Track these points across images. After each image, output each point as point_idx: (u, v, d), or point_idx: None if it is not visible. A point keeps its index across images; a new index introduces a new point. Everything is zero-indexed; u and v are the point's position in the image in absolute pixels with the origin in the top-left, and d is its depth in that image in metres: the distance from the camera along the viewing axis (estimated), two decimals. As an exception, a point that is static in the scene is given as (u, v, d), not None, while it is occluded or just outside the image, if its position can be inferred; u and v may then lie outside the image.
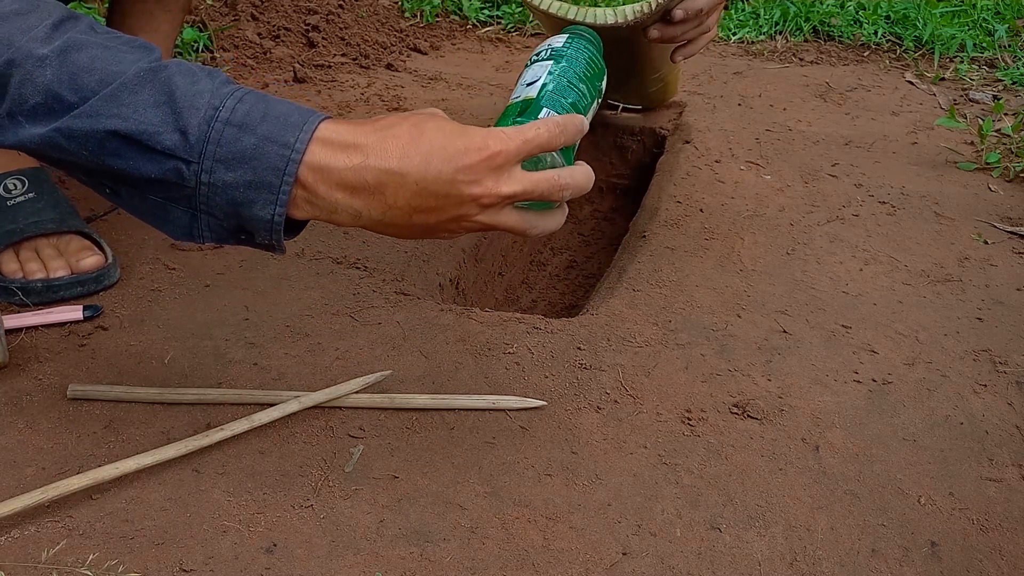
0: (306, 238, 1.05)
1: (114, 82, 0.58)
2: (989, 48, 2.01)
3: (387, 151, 0.59)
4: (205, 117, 0.58)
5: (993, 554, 0.67)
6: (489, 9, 2.09)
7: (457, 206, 0.61)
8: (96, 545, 0.62)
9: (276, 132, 0.58)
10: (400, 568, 0.62)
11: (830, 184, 1.30)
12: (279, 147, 0.58)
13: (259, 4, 1.82)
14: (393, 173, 0.59)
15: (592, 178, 0.67)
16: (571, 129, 0.65)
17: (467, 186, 0.60)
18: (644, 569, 0.64)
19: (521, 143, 0.62)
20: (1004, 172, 1.37)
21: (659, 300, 0.96)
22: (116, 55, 0.59)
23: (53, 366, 0.80)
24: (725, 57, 1.97)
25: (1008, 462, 0.77)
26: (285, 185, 0.58)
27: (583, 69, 0.78)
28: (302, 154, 0.58)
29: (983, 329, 0.95)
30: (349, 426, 0.75)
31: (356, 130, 0.60)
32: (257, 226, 0.60)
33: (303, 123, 0.59)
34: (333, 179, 0.59)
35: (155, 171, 0.58)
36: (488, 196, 0.61)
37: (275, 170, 0.58)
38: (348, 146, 0.59)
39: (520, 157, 0.62)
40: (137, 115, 0.57)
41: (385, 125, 0.61)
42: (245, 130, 0.58)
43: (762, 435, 0.77)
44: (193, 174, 0.58)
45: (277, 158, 0.58)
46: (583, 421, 0.77)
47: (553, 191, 0.64)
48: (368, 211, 0.60)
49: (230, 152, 0.58)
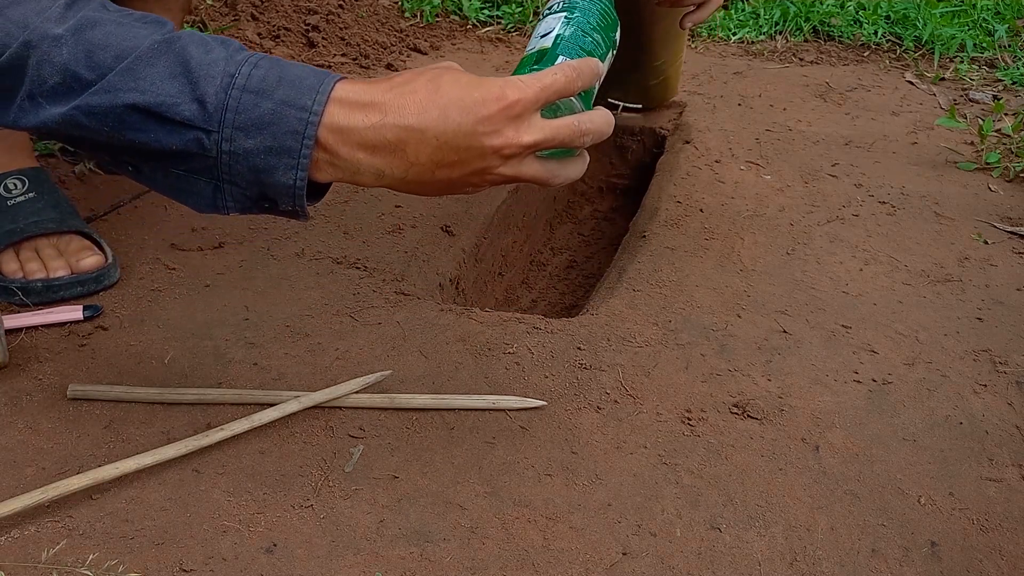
0: (306, 238, 1.05)
1: (129, 56, 0.57)
2: (989, 48, 2.01)
3: (405, 107, 0.59)
4: (222, 85, 0.57)
5: (993, 554, 0.67)
6: (489, 9, 2.09)
7: (479, 158, 0.60)
8: (96, 545, 0.62)
9: (293, 96, 0.58)
10: (400, 568, 0.62)
11: (830, 184, 1.30)
12: (297, 110, 0.58)
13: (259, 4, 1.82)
14: (412, 129, 0.59)
15: (612, 122, 0.66)
16: (588, 73, 0.64)
17: (488, 137, 0.59)
18: (644, 569, 0.64)
19: (539, 90, 0.61)
20: (1004, 172, 1.37)
21: (659, 300, 0.96)
22: (130, 30, 0.59)
23: (53, 366, 0.80)
24: (725, 57, 1.97)
25: (1008, 462, 0.77)
26: (305, 149, 0.58)
27: (597, 20, 0.77)
28: (320, 116, 0.58)
29: (983, 329, 0.95)
30: (349, 426, 0.75)
31: (372, 88, 0.60)
32: (280, 192, 0.60)
33: (319, 85, 0.58)
34: (353, 139, 0.59)
35: (176, 142, 0.58)
36: (509, 146, 0.60)
37: (294, 134, 0.58)
38: (366, 105, 0.59)
39: (539, 104, 0.61)
40: (154, 87, 0.57)
41: (401, 81, 0.60)
42: (262, 96, 0.58)
43: (762, 435, 0.77)
44: (214, 143, 0.58)
45: (296, 121, 0.58)
46: (583, 421, 0.77)
47: (575, 137, 0.63)
48: (391, 169, 0.60)
49: (249, 119, 0.57)
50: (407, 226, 1.10)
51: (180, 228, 1.05)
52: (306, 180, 0.59)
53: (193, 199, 0.62)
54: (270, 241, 1.04)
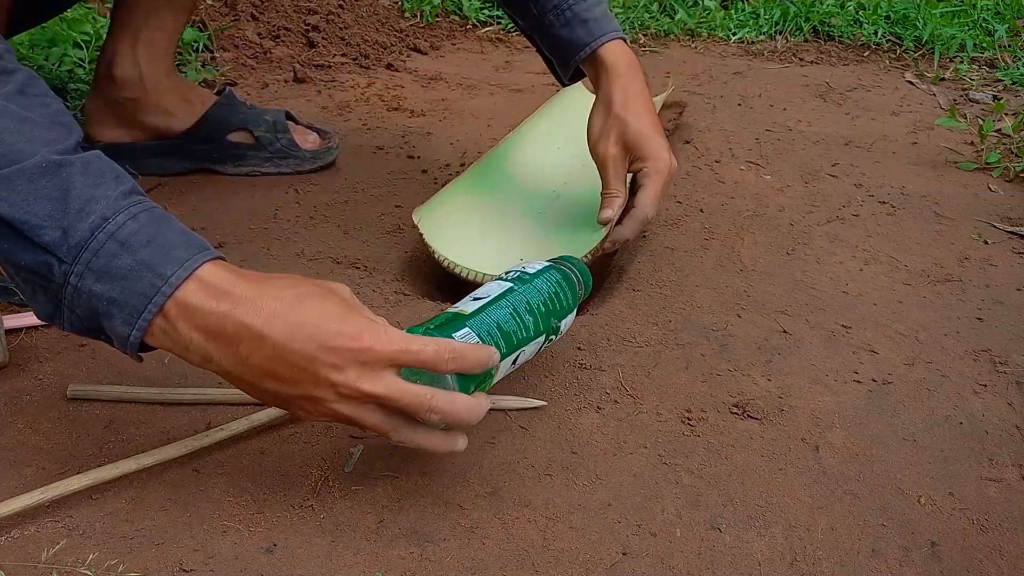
0: (306, 238, 1.05)
1: (16, 162, 0.57)
2: (989, 48, 2.01)
3: (257, 309, 0.58)
4: (91, 224, 0.57)
5: (993, 554, 0.67)
6: (489, 9, 2.09)
7: (313, 385, 0.59)
8: (96, 545, 0.62)
9: (156, 260, 0.58)
10: (400, 568, 0.62)
11: (830, 184, 1.30)
12: (153, 276, 0.57)
13: (259, 4, 1.82)
14: (253, 331, 0.58)
15: (479, 414, 0.62)
16: (468, 361, 0.61)
17: (327, 369, 0.58)
18: (644, 569, 0.64)
19: (398, 351, 0.59)
20: (1004, 172, 1.37)
21: (659, 300, 0.96)
22: (30, 132, 0.58)
23: (53, 366, 0.80)
24: (725, 57, 1.97)
25: (1008, 462, 0.77)
26: (147, 313, 0.58)
27: (540, 302, 0.73)
28: (174, 288, 0.58)
29: (983, 329, 0.95)
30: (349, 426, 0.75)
31: (238, 280, 0.59)
32: (114, 335, 0.59)
33: (186, 259, 0.59)
34: (195, 319, 0.58)
35: (27, 259, 0.57)
36: (346, 387, 0.58)
37: (142, 296, 0.57)
38: (222, 293, 0.58)
39: (393, 363, 0.59)
40: (26, 204, 0.56)
41: (272, 285, 0.60)
42: (126, 249, 0.57)
43: (762, 435, 0.77)
44: (63, 273, 0.57)
45: (148, 286, 0.57)
46: (583, 421, 0.77)
47: (419, 409, 0.60)
48: (219, 358, 0.59)
49: (104, 266, 0.57)
50: (407, 226, 1.10)
51: (180, 228, 1.05)
52: (139, 339, 0.59)
53: (34, 305, 0.61)
54: (270, 241, 1.04)
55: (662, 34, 2.09)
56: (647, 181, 0.94)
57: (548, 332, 0.74)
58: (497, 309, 0.69)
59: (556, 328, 0.75)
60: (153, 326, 0.58)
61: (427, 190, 1.20)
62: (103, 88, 1.13)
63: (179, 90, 1.17)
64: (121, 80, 1.12)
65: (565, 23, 0.97)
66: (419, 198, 1.17)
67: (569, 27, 0.97)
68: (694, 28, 2.12)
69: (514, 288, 0.72)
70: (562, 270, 0.77)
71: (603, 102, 0.96)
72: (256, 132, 1.19)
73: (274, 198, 1.15)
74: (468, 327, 0.66)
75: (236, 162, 1.20)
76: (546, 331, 0.73)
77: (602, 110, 0.96)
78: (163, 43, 1.13)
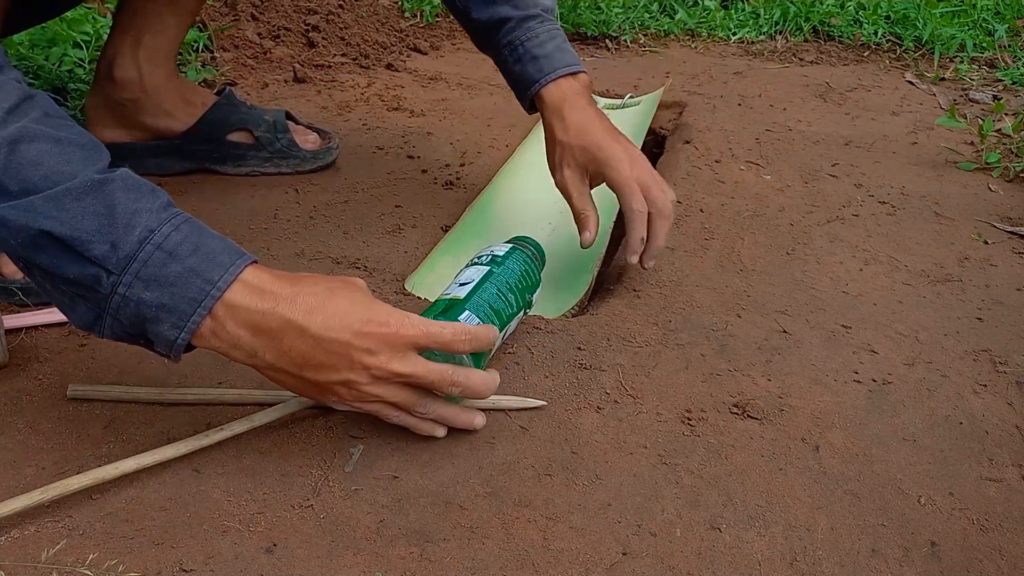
0: (306, 238, 1.05)
1: (60, 183, 0.60)
2: (989, 48, 2.01)
3: (297, 304, 0.63)
4: (139, 237, 0.61)
5: (993, 554, 0.67)
6: (489, 9, 2.08)
7: (348, 368, 0.65)
8: (96, 545, 0.62)
9: (203, 267, 0.62)
10: (400, 568, 0.62)
11: (830, 184, 1.30)
12: (202, 281, 0.62)
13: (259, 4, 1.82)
14: (295, 324, 0.63)
15: (491, 387, 0.71)
16: (480, 340, 0.70)
17: (361, 353, 0.64)
18: (644, 569, 0.64)
19: (422, 334, 0.66)
20: (1004, 172, 1.37)
21: (659, 300, 0.96)
22: (66, 153, 0.61)
23: (53, 366, 0.80)
24: (725, 57, 1.97)
25: (1008, 462, 0.77)
26: (197, 316, 0.62)
27: (516, 280, 0.82)
28: (223, 292, 0.62)
29: (983, 329, 0.95)
30: (349, 426, 0.75)
31: (276, 280, 0.65)
32: (160, 340, 0.63)
33: (231, 264, 0.63)
34: (242, 318, 0.63)
35: (75, 272, 0.60)
36: (379, 368, 0.65)
37: (192, 301, 0.61)
38: (265, 292, 0.63)
39: (418, 345, 0.67)
40: (75, 221, 0.59)
41: (306, 282, 0.66)
42: (174, 257, 0.61)
43: (762, 435, 0.77)
44: (111, 284, 0.60)
45: (197, 291, 0.61)
46: (583, 421, 0.77)
47: (443, 383, 0.68)
48: (264, 352, 0.64)
49: (153, 274, 0.61)
50: (407, 226, 1.10)
51: (180, 228, 1.05)
52: (187, 341, 0.63)
53: (72, 316, 0.64)
54: (270, 241, 1.04)
55: (662, 34, 2.09)
56: (614, 186, 0.93)
57: (525, 307, 0.84)
58: (485, 291, 0.78)
59: (530, 303, 0.85)
60: (202, 328, 0.62)
61: (427, 190, 1.20)
62: (103, 88, 1.13)
63: (180, 91, 1.17)
64: (121, 81, 1.12)
65: (517, 59, 0.99)
66: (419, 198, 1.17)
67: (521, 63, 0.99)
68: (694, 28, 2.13)
69: (492, 270, 0.81)
70: (526, 251, 0.87)
71: (549, 137, 0.98)
72: (256, 132, 1.19)
73: (274, 198, 1.15)
74: (468, 310, 0.76)
75: (236, 162, 1.20)
76: (524, 306, 0.83)
77: (551, 145, 0.98)
78: (165, 47, 1.13)
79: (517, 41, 0.98)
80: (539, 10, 0.99)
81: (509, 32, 0.99)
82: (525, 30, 0.98)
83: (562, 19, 2.03)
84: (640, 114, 1.52)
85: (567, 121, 0.95)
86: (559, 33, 1.00)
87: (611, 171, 0.92)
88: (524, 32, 0.98)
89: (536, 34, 0.98)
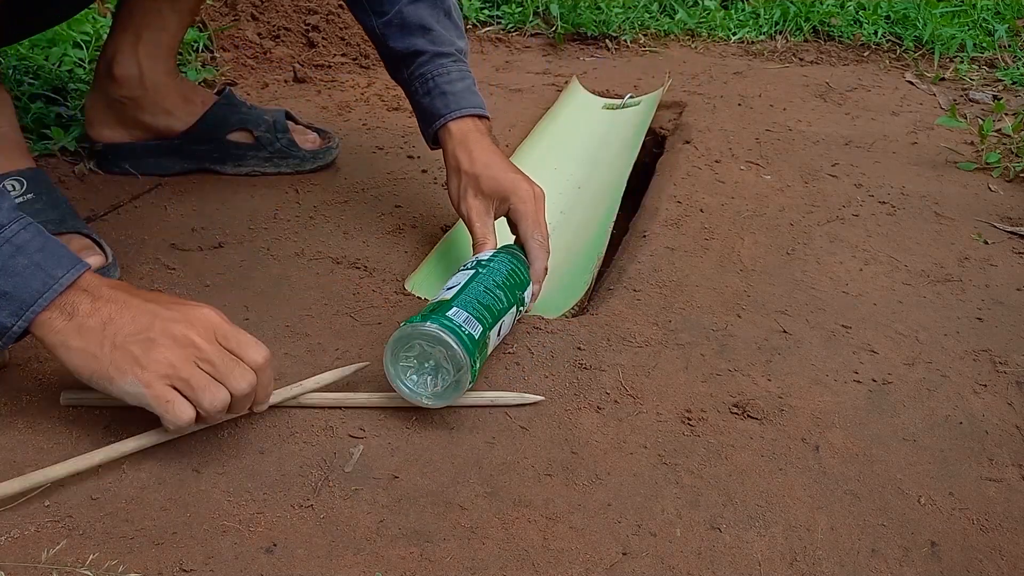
0: (306, 238, 1.05)
1: None
2: (989, 48, 2.01)
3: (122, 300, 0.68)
4: None
5: (993, 554, 0.67)
6: (489, 9, 2.09)
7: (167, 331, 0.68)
8: (96, 545, 0.62)
9: (49, 264, 0.67)
10: (400, 568, 0.62)
11: (830, 184, 1.30)
12: (46, 275, 0.66)
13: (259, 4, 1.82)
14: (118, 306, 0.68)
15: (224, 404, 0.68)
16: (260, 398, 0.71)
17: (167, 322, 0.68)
18: (644, 569, 0.64)
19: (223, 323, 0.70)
20: (1004, 172, 1.37)
21: (659, 300, 0.96)
22: None
23: (53, 366, 0.80)
24: (725, 57, 1.97)
25: (1008, 462, 0.77)
26: (36, 306, 0.66)
27: (503, 278, 0.83)
28: (64, 287, 0.67)
29: (983, 329, 0.95)
30: (349, 426, 0.75)
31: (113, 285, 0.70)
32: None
33: (73, 265, 0.68)
34: (76, 311, 0.67)
35: None
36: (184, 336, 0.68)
37: (34, 292, 0.66)
38: (99, 295, 0.68)
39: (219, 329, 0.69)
40: None
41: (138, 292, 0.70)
42: (21, 252, 0.66)
43: (762, 435, 0.77)
44: None
45: (40, 283, 0.66)
46: (583, 421, 0.77)
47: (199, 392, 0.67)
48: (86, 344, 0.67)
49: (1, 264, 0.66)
50: (407, 226, 1.10)
51: (180, 228, 1.05)
52: (23, 329, 0.66)
53: None
54: (270, 241, 1.04)
55: (662, 34, 2.09)
56: (518, 216, 0.95)
57: (517, 304, 0.84)
58: (472, 289, 0.80)
59: (522, 300, 0.86)
60: (39, 318, 0.66)
61: (427, 190, 1.20)
62: (103, 87, 1.13)
63: (180, 90, 1.17)
64: (121, 79, 1.11)
65: (427, 92, 1.00)
66: (419, 198, 1.17)
67: (430, 96, 1.00)
68: (694, 28, 2.13)
69: (478, 271, 0.83)
70: (511, 252, 0.89)
71: (452, 168, 0.99)
72: (256, 132, 1.19)
73: (274, 198, 1.15)
74: (456, 306, 0.77)
75: (236, 162, 1.20)
76: (516, 303, 0.84)
77: (454, 176, 0.99)
78: (165, 44, 1.13)
79: (429, 75, 1.00)
80: (453, 49, 1.01)
81: (422, 65, 1.00)
82: (438, 66, 1.00)
83: (562, 19, 2.03)
84: (640, 114, 1.52)
85: (474, 154, 0.97)
86: (470, 76, 1.03)
87: (517, 201, 0.95)
88: (436, 68, 1.00)
89: (448, 71, 1.00)
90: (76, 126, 1.25)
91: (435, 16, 1.01)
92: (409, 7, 1.00)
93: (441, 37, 1.01)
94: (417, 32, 1.00)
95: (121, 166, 1.17)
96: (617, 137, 1.44)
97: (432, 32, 1.00)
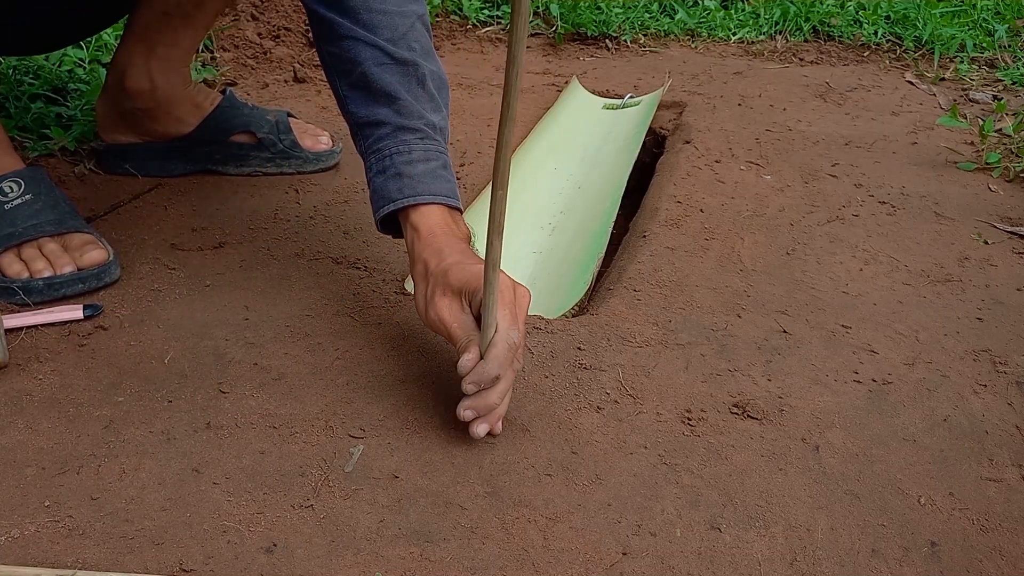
0: (306, 238, 1.05)
1: None
2: (989, 48, 2.01)
3: None
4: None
5: (993, 554, 0.67)
6: (489, 9, 2.09)
7: None
8: (96, 545, 0.62)
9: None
10: (400, 568, 0.62)
11: (830, 184, 1.30)
12: None
13: (259, 4, 1.82)
14: None
15: None
16: None
17: None
18: (644, 569, 0.64)
19: None
20: (1004, 172, 1.37)
21: (659, 300, 0.96)
22: None
23: (53, 366, 0.80)
24: (725, 57, 1.97)
25: (1008, 462, 0.77)
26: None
27: None
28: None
29: (983, 329, 0.95)
30: (349, 426, 0.75)
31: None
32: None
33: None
34: None
35: None
36: None
37: None
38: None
39: None
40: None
41: None
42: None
43: (762, 435, 0.77)
44: None
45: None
46: (583, 421, 0.77)
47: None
48: None
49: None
50: (407, 226, 1.09)
51: (180, 228, 1.05)
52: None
53: None
54: (270, 241, 1.04)
55: (662, 34, 2.09)
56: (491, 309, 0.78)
57: None
58: None
59: None
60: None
61: (427, 190, 1.20)
62: (113, 96, 1.13)
63: (192, 98, 1.17)
64: (133, 92, 1.11)
65: (381, 170, 0.85)
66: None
67: (383, 176, 0.85)
68: (694, 28, 2.13)
69: None
70: None
71: (419, 273, 0.80)
72: (259, 134, 1.19)
73: (274, 198, 1.15)
74: None
75: (238, 163, 1.20)
76: None
77: (420, 282, 0.80)
78: (178, 58, 1.13)
79: (386, 151, 0.85)
80: (422, 124, 0.86)
81: (381, 140, 0.86)
82: (399, 142, 0.85)
83: (562, 19, 2.03)
84: (640, 114, 1.52)
85: (440, 252, 0.80)
86: (440, 157, 0.87)
87: None
88: (396, 143, 0.85)
89: (409, 149, 0.85)
90: (76, 126, 1.25)
91: (405, 84, 0.86)
92: (376, 69, 0.86)
93: (408, 108, 0.86)
94: (382, 100, 0.86)
95: (122, 166, 1.17)
96: (617, 137, 1.44)
97: (398, 102, 0.86)
